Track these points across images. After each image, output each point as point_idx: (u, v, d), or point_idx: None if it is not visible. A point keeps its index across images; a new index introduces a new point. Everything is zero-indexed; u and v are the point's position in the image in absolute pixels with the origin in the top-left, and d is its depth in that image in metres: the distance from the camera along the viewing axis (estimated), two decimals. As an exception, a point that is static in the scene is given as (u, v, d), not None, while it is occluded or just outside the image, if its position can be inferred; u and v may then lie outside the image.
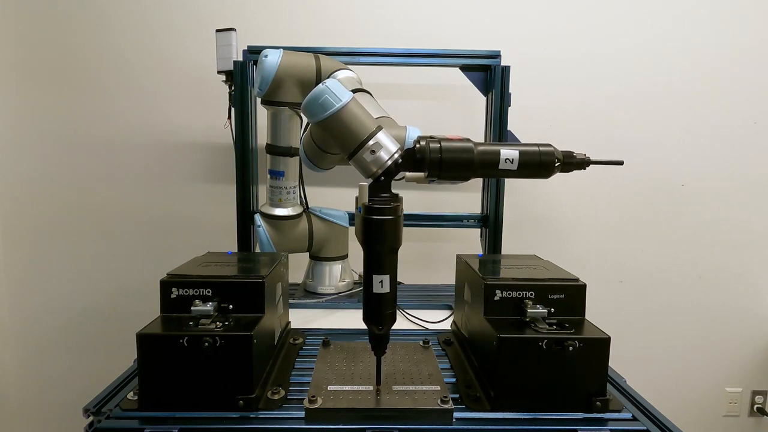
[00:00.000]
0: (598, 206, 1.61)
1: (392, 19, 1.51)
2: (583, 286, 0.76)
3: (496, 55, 1.27)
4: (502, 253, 1.32)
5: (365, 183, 0.70)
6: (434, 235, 1.57)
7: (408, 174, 0.77)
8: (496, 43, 1.46)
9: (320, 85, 0.69)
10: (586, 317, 0.75)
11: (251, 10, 1.49)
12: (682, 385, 1.71)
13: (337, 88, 0.69)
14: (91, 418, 0.66)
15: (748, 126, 1.59)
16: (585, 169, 0.76)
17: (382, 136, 0.68)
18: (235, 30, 1.26)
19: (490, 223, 1.32)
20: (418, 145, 0.69)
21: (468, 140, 0.71)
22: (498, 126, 1.28)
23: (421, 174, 0.73)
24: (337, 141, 0.70)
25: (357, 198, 0.72)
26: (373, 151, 0.67)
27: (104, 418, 0.65)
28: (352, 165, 0.70)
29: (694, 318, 1.68)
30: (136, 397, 0.69)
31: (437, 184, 0.78)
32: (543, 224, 1.61)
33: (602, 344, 0.68)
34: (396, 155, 0.68)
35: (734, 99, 1.57)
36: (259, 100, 1.18)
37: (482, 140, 1.36)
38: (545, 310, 0.73)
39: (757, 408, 1.72)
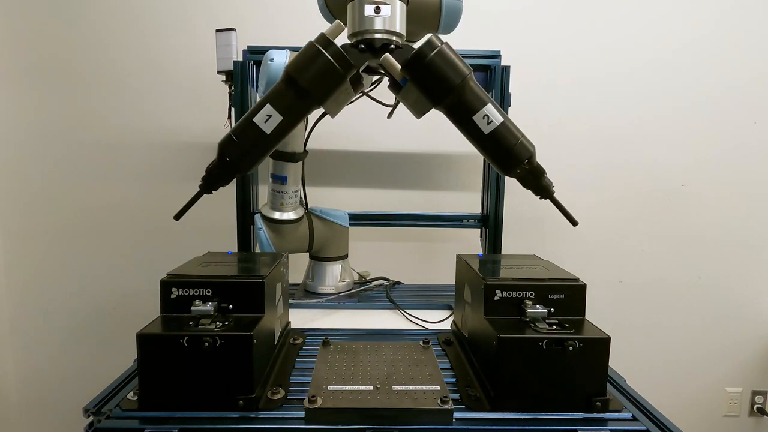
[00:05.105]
0: (598, 206, 1.61)
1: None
2: (583, 286, 0.76)
3: (496, 55, 1.27)
4: (502, 253, 1.32)
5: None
6: (434, 235, 1.57)
7: (386, 60, 0.71)
8: (496, 43, 1.46)
9: None
10: (586, 317, 0.75)
11: (251, 10, 1.49)
12: (682, 385, 1.71)
13: None
14: (91, 418, 0.66)
15: (749, 126, 1.59)
16: (542, 198, 0.79)
17: None
18: (235, 30, 1.26)
19: (490, 223, 1.31)
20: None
21: (470, 68, 0.70)
22: (498, 126, 1.28)
23: (397, 67, 0.70)
24: None
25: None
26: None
27: (104, 418, 0.65)
28: None
29: (694, 318, 1.68)
30: (136, 397, 0.68)
31: (398, 106, 0.73)
32: (543, 224, 1.61)
33: (602, 344, 0.68)
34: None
35: (734, 99, 1.57)
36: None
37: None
38: (545, 310, 0.73)
39: (757, 408, 1.72)
